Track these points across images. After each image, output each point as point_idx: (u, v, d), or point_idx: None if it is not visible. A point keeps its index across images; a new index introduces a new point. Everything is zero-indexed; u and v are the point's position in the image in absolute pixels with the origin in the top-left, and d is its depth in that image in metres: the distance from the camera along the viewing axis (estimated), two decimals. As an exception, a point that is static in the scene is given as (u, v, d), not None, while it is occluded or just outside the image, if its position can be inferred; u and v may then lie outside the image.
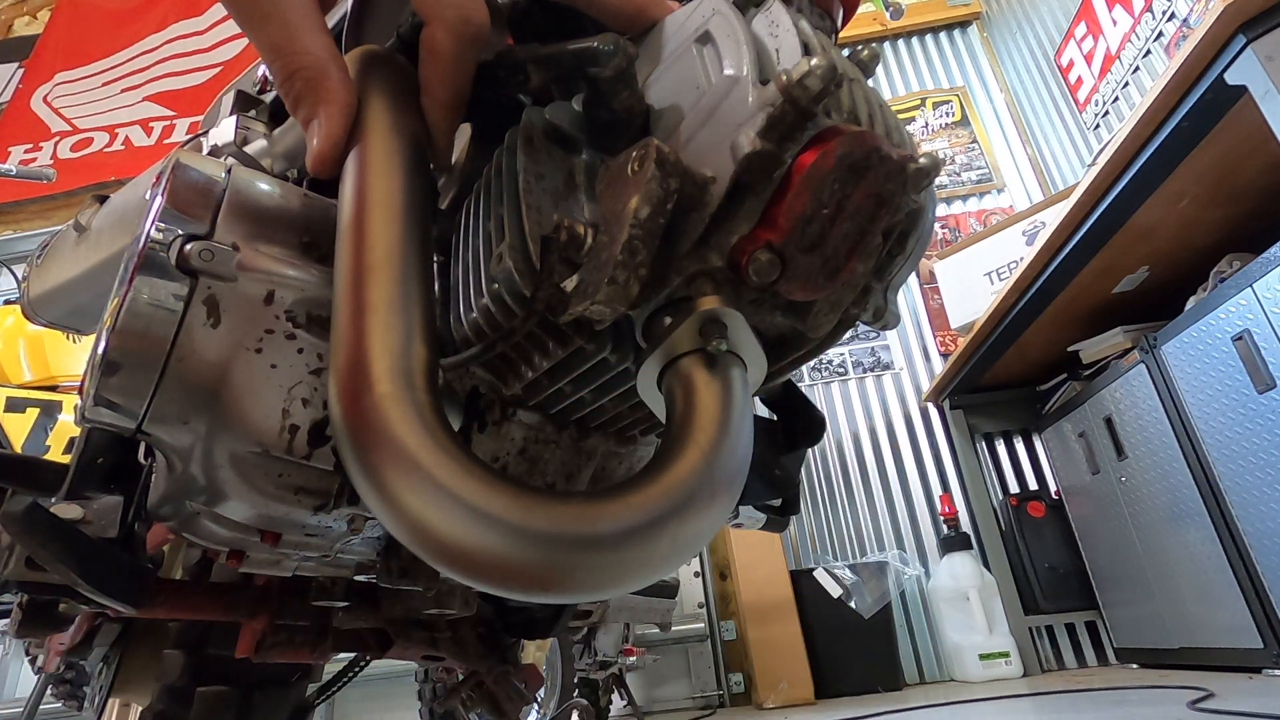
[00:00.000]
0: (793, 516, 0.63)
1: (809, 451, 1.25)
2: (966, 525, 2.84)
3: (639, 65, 0.35)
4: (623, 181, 0.29)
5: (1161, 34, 2.66)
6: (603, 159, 0.35)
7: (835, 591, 2.54)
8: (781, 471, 0.54)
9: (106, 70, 3.97)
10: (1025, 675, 2.48)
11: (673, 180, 0.28)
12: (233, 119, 0.57)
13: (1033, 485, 2.86)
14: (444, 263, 0.41)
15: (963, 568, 2.64)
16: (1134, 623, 2.27)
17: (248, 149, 0.54)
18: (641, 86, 0.35)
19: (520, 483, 0.27)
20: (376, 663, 0.69)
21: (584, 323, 0.33)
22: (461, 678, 0.73)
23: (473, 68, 0.37)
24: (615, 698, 1.99)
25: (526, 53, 0.38)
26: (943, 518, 2.80)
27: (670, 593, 1.58)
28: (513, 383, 0.38)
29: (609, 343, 0.34)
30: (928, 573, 2.82)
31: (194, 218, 0.35)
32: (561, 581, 0.26)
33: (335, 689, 0.77)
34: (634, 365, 0.33)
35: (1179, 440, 1.87)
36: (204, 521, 0.40)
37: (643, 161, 0.28)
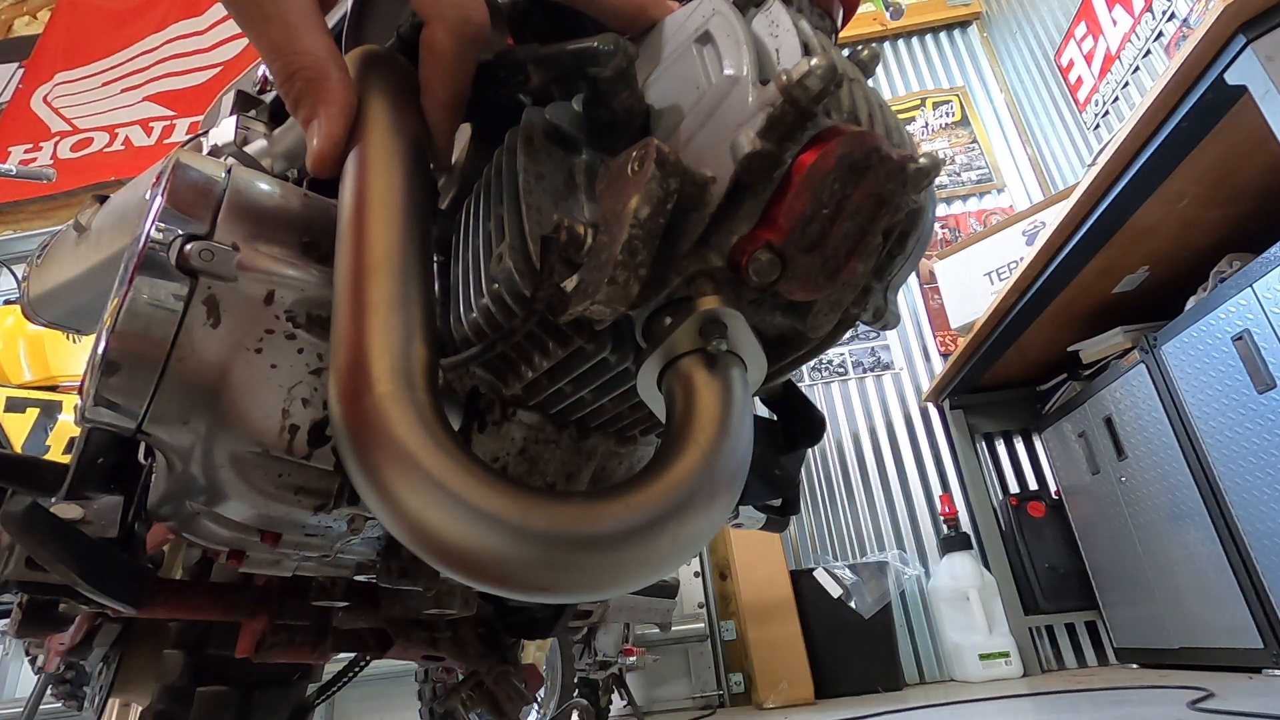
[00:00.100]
0: (793, 516, 0.62)
1: (809, 451, 1.25)
2: (966, 525, 2.84)
3: (639, 65, 0.35)
4: (623, 181, 0.29)
5: (1161, 34, 2.66)
6: (603, 159, 0.35)
7: (835, 591, 2.54)
8: (781, 471, 0.54)
9: (106, 70, 3.97)
10: (1025, 675, 2.48)
11: (673, 180, 0.28)
12: (233, 119, 0.57)
13: (1033, 485, 2.86)
14: (444, 263, 0.41)
15: (963, 568, 2.64)
16: (1134, 623, 2.27)
17: (248, 149, 0.54)
18: (641, 86, 0.35)
19: (520, 483, 0.27)
20: (376, 663, 0.69)
21: (584, 323, 0.33)
22: (461, 678, 0.73)
23: (473, 68, 0.37)
24: (615, 698, 1.98)
25: (526, 53, 0.38)
26: (943, 518, 2.80)
27: (670, 593, 1.58)
28: (513, 383, 0.38)
29: (609, 343, 0.34)
30: (928, 573, 2.82)
31: (194, 218, 0.35)
32: (561, 581, 0.26)
33: (335, 689, 0.77)
34: (634, 365, 0.33)
35: (1179, 440, 1.87)
36: (204, 521, 0.40)
37: (643, 161, 0.28)
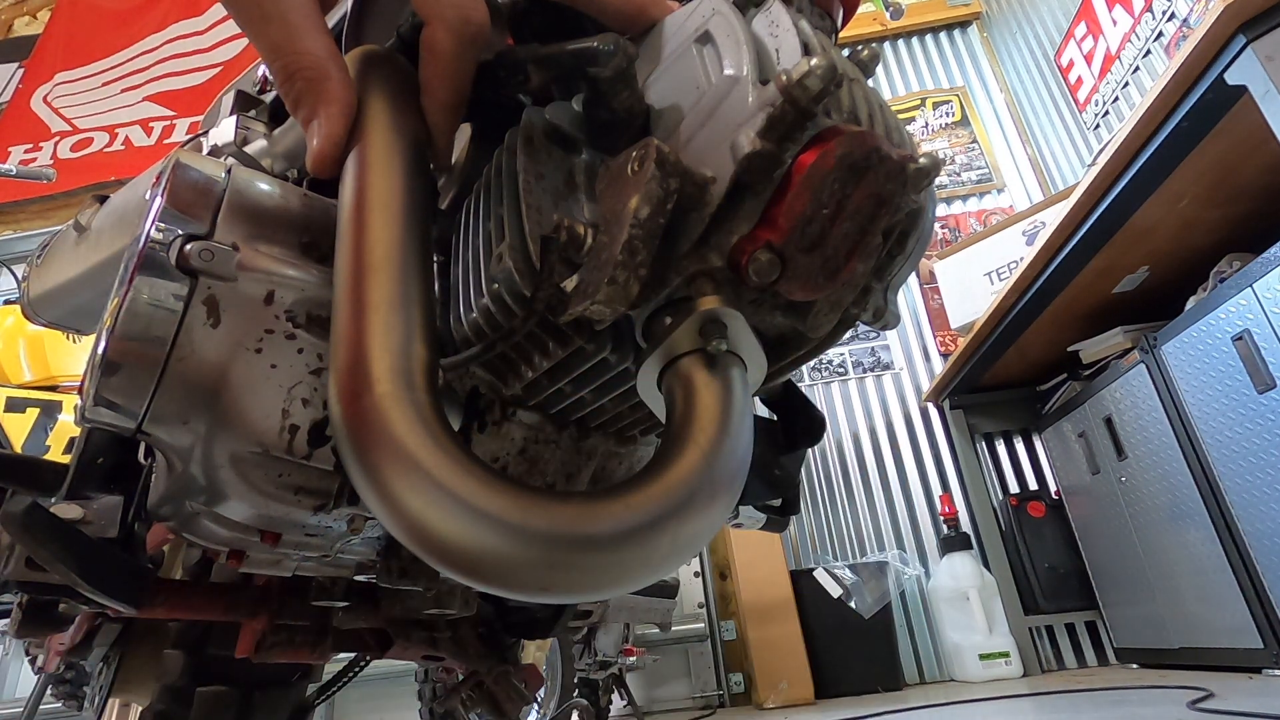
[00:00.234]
0: (793, 516, 0.62)
1: (809, 451, 1.25)
2: (966, 525, 2.84)
3: (639, 65, 0.35)
4: (623, 181, 0.29)
5: (1161, 34, 2.66)
6: (603, 159, 0.35)
7: (835, 591, 2.54)
8: (781, 471, 0.54)
9: (106, 70, 3.97)
10: (1025, 675, 2.48)
11: (673, 180, 0.28)
12: (233, 119, 0.57)
13: (1033, 485, 2.86)
14: (444, 263, 0.41)
15: (963, 568, 2.64)
16: (1134, 623, 2.27)
17: (248, 149, 0.54)
18: (641, 86, 0.35)
19: (520, 483, 0.27)
20: (376, 663, 0.69)
21: (584, 323, 0.33)
22: (461, 678, 0.73)
23: (473, 68, 0.37)
24: (615, 698, 1.98)
25: (526, 53, 0.37)
26: (943, 518, 2.80)
27: (670, 593, 1.58)
28: (513, 383, 0.38)
29: (609, 343, 0.34)
30: (928, 573, 2.82)
31: (194, 218, 0.35)
32: (561, 582, 0.26)
33: (335, 689, 0.77)
34: (634, 365, 0.33)
35: (1179, 440, 1.87)
36: (204, 521, 0.40)
37: (643, 161, 0.28)
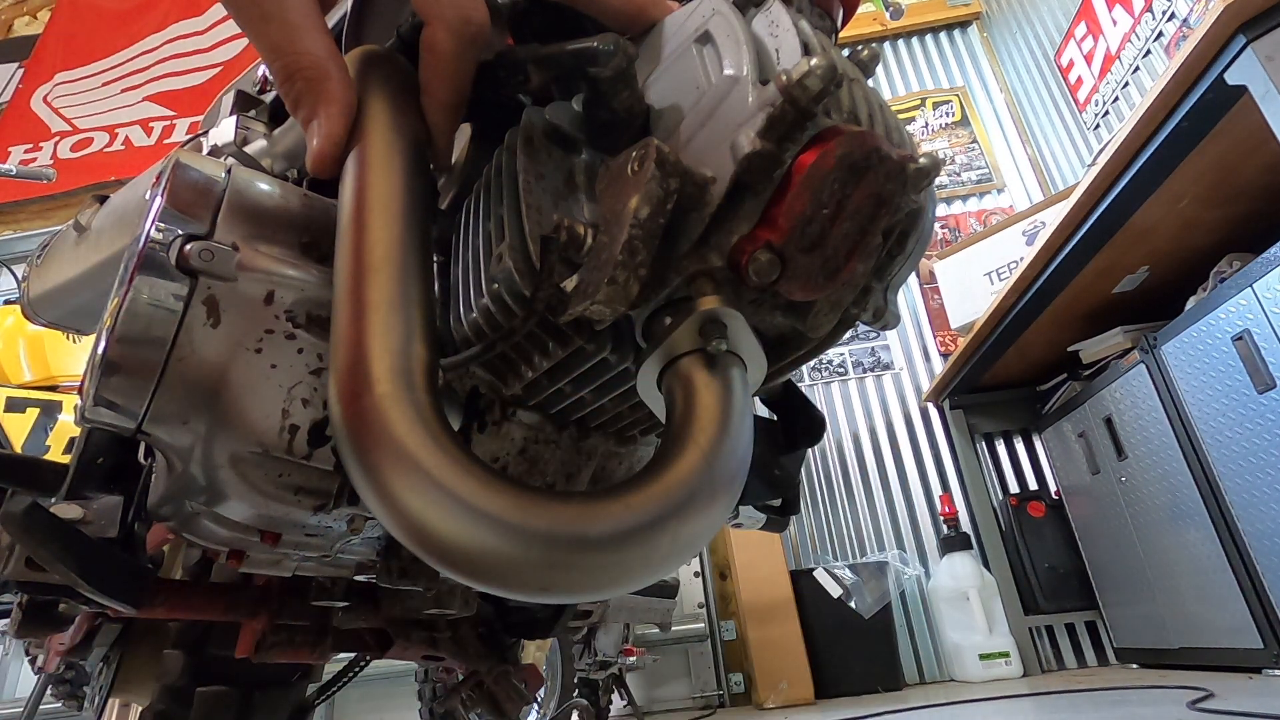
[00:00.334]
0: (793, 516, 0.63)
1: (809, 451, 1.25)
2: (966, 525, 2.84)
3: (639, 65, 0.35)
4: (623, 181, 0.29)
5: (1161, 34, 2.66)
6: (603, 159, 0.35)
7: (835, 591, 2.54)
8: (781, 471, 0.54)
9: (106, 70, 3.97)
10: (1025, 675, 2.48)
11: (673, 180, 0.28)
12: (233, 119, 0.57)
13: (1033, 485, 2.86)
14: (444, 263, 0.41)
15: (963, 568, 2.64)
16: (1134, 623, 2.27)
17: (248, 149, 0.54)
18: (641, 86, 0.35)
19: (520, 483, 0.27)
20: (376, 663, 0.69)
21: (584, 323, 0.33)
22: (461, 678, 0.73)
23: (473, 68, 0.37)
24: (615, 698, 1.98)
25: (526, 53, 0.38)
26: (943, 518, 2.80)
27: (670, 593, 1.58)
28: (513, 383, 0.38)
29: (609, 343, 0.34)
30: (928, 573, 2.82)
31: (194, 218, 0.35)
32: (561, 582, 0.26)
33: (335, 689, 0.77)
34: (634, 365, 0.33)
35: (1179, 440, 1.87)
36: (204, 521, 0.40)
37: (643, 161, 0.28)
